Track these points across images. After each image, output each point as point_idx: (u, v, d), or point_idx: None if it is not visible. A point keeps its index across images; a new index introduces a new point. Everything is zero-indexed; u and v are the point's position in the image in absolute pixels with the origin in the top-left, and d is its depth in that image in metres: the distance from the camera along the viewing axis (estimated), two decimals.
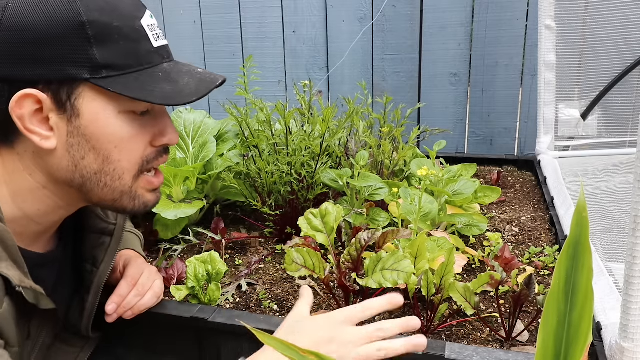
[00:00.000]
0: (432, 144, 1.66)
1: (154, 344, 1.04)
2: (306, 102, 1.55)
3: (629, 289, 0.72)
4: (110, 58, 0.70)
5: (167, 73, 0.75)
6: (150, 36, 0.75)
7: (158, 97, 0.72)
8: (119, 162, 0.75)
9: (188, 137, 1.58)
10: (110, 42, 0.70)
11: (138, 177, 0.79)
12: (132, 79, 0.72)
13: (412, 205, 1.22)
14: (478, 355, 0.81)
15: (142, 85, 0.72)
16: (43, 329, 0.84)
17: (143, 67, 0.73)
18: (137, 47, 0.73)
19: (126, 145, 0.75)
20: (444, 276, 0.93)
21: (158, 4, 2.48)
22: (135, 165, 0.77)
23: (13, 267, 0.70)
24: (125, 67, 0.72)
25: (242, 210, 1.55)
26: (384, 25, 2.19)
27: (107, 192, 0.77)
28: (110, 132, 0.73)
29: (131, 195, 0.79)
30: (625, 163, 1.68)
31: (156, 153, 0.80)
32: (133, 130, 0.75)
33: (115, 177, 0.76)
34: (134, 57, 0.72)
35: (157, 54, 0.76)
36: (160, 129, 0.79)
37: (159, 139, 0.79)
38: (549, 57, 1.78)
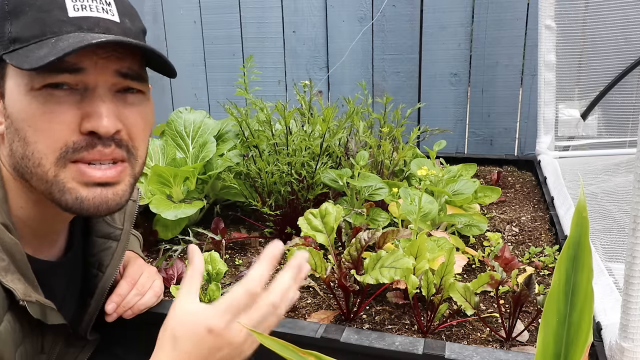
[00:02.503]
0: (432, 144, 1.66)
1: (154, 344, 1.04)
2: (306, 102, 1.55)
3: (629, 289, 0.72)
4: (18, 31, 0.66)
5: (62, 39, 0.65)
6: (68, 6, 0.67)
7: (28, 62, 0.63)
8: (35, 145, 0.67)
9: (188, 137, 1.58)
10: (22, 14, 0.66)
11: (64, 165, 0.68)
12: (28, 50, 0.65)
13: (412, 205, 1.22)
14: (478, 355, 0.81)
15: (27, 53, 0.65)
16: (58, 342, 0.83)
17: (46, 37, 0.66)
18: (46, 17, 0.66)
19: (40, 125, 0.66)
20: (444, 276, 0.93)
21: (158, 4, 2.48)
22: (55, 150, 0.67)
23: (20, 280, 0.69)
24: (29, 39, 0.66)
25: (242, 210, 1.55)
26: (384, 25, 2.19)
27: (37, 182, 0.69)
28: (21, 109, 0.67)
29: (59, 186, 0.69)
30: (625, 163, 1.68)
31: (86, 142, 0.68)
32: (47, 108, 0.66)
33: (35, 163, 0.68)
34: (39, 27, 0.66)
35: (70, 23, 0.66)
36: (87, 111, 0.68)
37: (84, 123, 0.68)
38: (549, 57, 1.78)
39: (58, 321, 0.77)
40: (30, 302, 0.70)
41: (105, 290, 0.91)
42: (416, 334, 0.95)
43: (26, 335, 0.73)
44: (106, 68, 0.69)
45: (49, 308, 0.75)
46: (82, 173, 0.69)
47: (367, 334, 0.87)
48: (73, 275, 0.89)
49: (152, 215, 1.35)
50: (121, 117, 0.71)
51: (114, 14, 0.70)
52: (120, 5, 0.72)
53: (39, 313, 0.73)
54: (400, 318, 1.01)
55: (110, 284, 0.92)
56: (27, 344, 0.74)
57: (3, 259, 0.68)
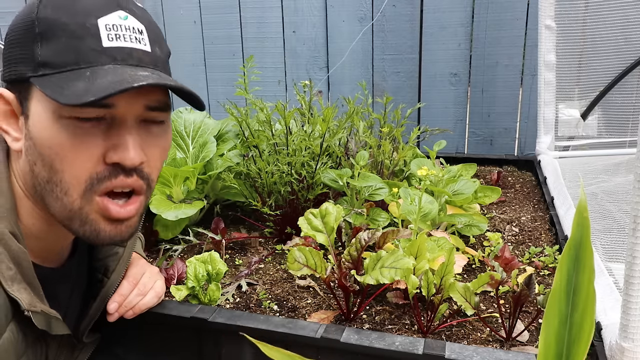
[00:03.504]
0: (432, 144, 1.66)
1: (154, 344, 1.04)
2: (306, 102, 1.55)
3: (629, 289, 0.72)
4: (49, 55, 0.65)
5: (96, 73, 0.65)
6: (102, 35, 0.66)
7: (65, 95, 0.63)
8: (62, 174, 0.67)
9: (188, 137, 1.58)
10: (53, 38, 0.65)
11: (91, 198, 0.69)
12: (61, 78, 0.65)
13: (412, 205, 1.22)
14: (478, 355, 0.81)
15: (61, 83, 0.64)
16: (62, 351, 0.83)
17: (79, 67, 0.65)
18: (80, 45, 0.65)
19: (67, 155, 0.66)
20: (444, 276, 0.93)
21: (158, 4, 2.48)
22: (82, 182, 0.68)
23: (26, 289, 0.69)
24: (61, 66, 0.65)
25: (242, 210, 1.55)
26: (384, 25, 2.19)
27: (60, 208, 0.70)
28: (49, 136, 0.66)
29: (81, 218, 0.70)
30: (625, 163, 1.68)
31: (109, 171, 0.69)
32: (75, 138, 0.66)
33: (63, 191, 0.68)
34: (72, 55, 0.65)
35: (105, 54, 0.66)
36: (113, 143, 0.68)
37: (110, 154, 0.68)
38: (549, 57, 1.79)
39: (63, 331, 0.77)
40: (35, 313, 0.70)
41: (109, 294, 0.91)
42: (416, 334, 0.95)
43: (29, 345, 0.73)
44: (136, 103, 0.69)
45: (54, 318, 0.74)
46: (105, 209, 0.70)
47: (367, 334, 0.87)
48: (78, 281, 0.89)
49: (153, 216, 1.35)
50: (144, 148, 0.71)
51: (145, 44, 0.70)
52: (151, 33, 0.72)
53: (43, 323, 0.72)
54: (400, 318, 1.01)
55: (115, 289, 0.92)
56: (30, 354, 0.73)
57: (10, 268, 0.68)
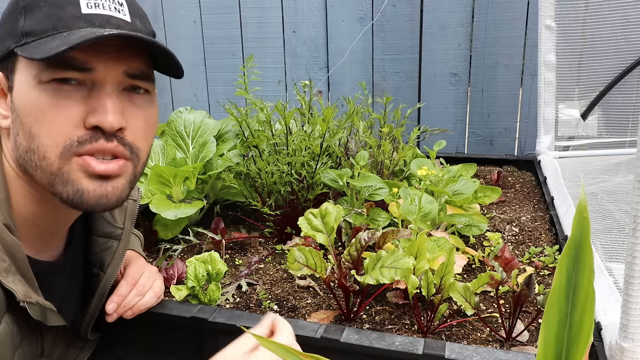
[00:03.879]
0: (432, 144, 1.66)
1: (154, 344, 1.04)
2: (306, 102, 1.55)
3: (629, 289, 0.72)
4: (31, 25, 0.67)
5: (73, 33, 0.66)
6: (82, 3, 0.68)
7: (39, 52, 0.64)
8: (40, 138, 0.68)
9: (188, 137, 1.58)
10: (36, 9, 0.68)
11: (70, 158, 0.69)
12: (40, 43, 0.66)
13: (412, 205, 1.22)
14: (478, 355, 0.81)
15: (39, 45, 0.65)
16: (58, 344, 0.83)
17: (58, 31, 0.67)
18: (60, 12, 0.67)
19: (46, 118, 0.67)
20: (444, 276, 0.93)
21: (158, 4, 2.48)
22: (59, 143, 0.68)
23: (20, 281, 0.70)
24: (41, 32, 0.67)
25: (242, 210, 1.55)
26: (384, 25, 2.19)
27: (41, 175, 0.70)
28: (28, 102, 0.68)
29: (62, 178, 0.70)
30: (625, 163, 1.68)
31: (90, 135, 0.69)
32: (54, 101, 0.67)
33: (40, 156, 0.69)
34: (52, 22, 0.67)
35: (82, 19, 0.68)
36: (93, 107, 0.69)
37: (89, 118, 0.68)
38: (549, 57, 1.78)
39: (58, 323, 0.77)
40: (30, 304, 0.70)
41: (107, 289, 0.91)
42: (416, 334, 0.95)
43: (24, 337, 0.73)
44: (115, 69, 0.70)
45: (49, 309, 0.75)
46: (86, 164, 0.69)
47: (367, 334, 0.87)
48: (73, 275, 0.89)
49: (152, 215, 1.35)
50: (126, 116, 0.72)
51: (125, 14, 0.72)
52: (131, 7, 0.74)
53: (39, 314, 0.72)
54: (400, 318, 1.01)
55: (112, 283, 0.92)
56: (26, 346, 0.74)
57: (4, 260, 0.68)
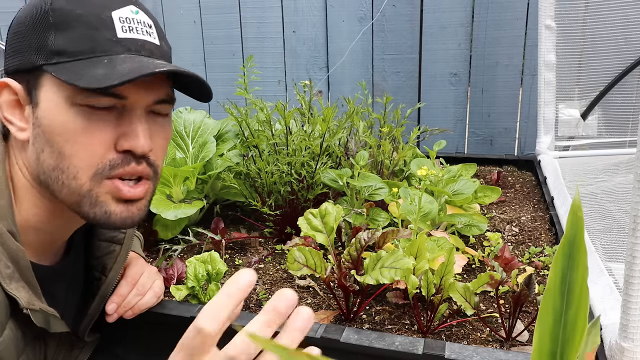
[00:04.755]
0: (432, 144, 1.66)
1: (154, 344, 1.04)
2: (306, 102, 1.55)
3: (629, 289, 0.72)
4: (64, 44, 0.67)
5: (114, 61, 0.67)
6: (117, 26, 0.69)
7: (84, 80, 0.65)
8: (71, 159, 0.69)
9: (188, 137, 1.58)
10: (68, 29, 0.67)
11: (100, 181, 0.70)
12: (76, 65, 0.66)
13: (412, 205, 1.22)
14: (478, 355, 0.81)
15: (78, 70, 0.66)
16: (61, 349, 0.83)
17: (94, 55, 0.67)
18: (95, 35, 0.67)
19: (79, 140, 0.68)
20: (444, 276, 0.93)
21: (158, 4, 2.48)
22: (92, 165, 0.70)
23: (24, 288, 0.70)
24: (76, 54, 0.67)
25: (242, 210, 1.55)
26: (384, 25, 2.19)
27: (67, 194, 0.71)
28: (61, 123, 0.68)
29: (91, 200, 0.71)
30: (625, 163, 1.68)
31: (122, 159, 0.71)
32: (88, 124, 0.68)
33: (70, 176, 0.70)
34: (88, 44, 0.67)
35: (119, 44, 0.68)
36: (124, 131, 0.70)
37: (121, 142, 0.70)
38: (549, 57, 1.78)
39: (62, 329, 0.77)
40: (33, 311, 0.70)
41: (108, 293, 0.91)
42: (416, 334, 0.95)
43: (28, 343, 0.73)
44: (146, 97, 0.72)
45: (52, 316, 0.74)
46: (117, 189, 0.71)
47: (367, 334, 0.87)
48: (74, 279, 0.89)
49: (152, 215, 1.35)
50: (151, 138, 0.74)
51: (155, 37, 0.73)
52: (158, 29, 0.75)
53: (42, 321, 0.72)
54: (400, 318, 1.01)
55: (113, 287, 0.92)
56: (29, 352, 0.74)
57: (8, 266, 0.68)
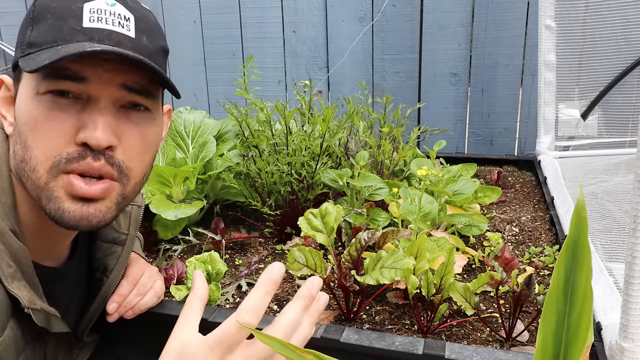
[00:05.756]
0: (432, 144, 1.66)
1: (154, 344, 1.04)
2: (306, 102, 1.55)
3: (629, 289, 0.72)
4: (35, 36, 0.67)
5: (68, 47, 0.65)
6: (84, 16, 0.67)
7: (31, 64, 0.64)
8: (33, 150, 0.67)
9: (188, 137, 1.58)
10: (42, 21, 0.68)
11: (57, 175, 0.67)
12: (38, 54, 0.66)
13: (412, 205, 1.22)
14: (478, 355, 0.81)
15: (34, 57, 0.65)
16: (60, 349, 0.83)
17: (57, 44, 0.66)
18: (62, 25, 0.67)
19: (40, 130, 0.66)
20: (444, 276, 0.93)
21: (158, 4, 2.48)
22: (49, 157, 0.67)
23: (26, 287, 0.69)
24: (42, 44, 0.67)
25: (242, 210, 1.55)
26: (384, 25, 2.19)
27: (30, 187, 0.69)
28: (25, 113, 0.67)
29: (47, 194, 0.68)
30: (625, 163, 1.68)
31: (78, 153, 0.67)
32: (49, 114, 0.66)
33: (31, 167, 0.68)
34: (53, 34, 0.67)
35: (82, 33, 0.66)
36: (84, 122, 0.67)
37: (79, 134, 0.67)
38: (549, 57, 1.78)
39: (62, 329, 0.77)
40: (35, 310, 0.70)
41: (108, 294, 0.91)
42: (416, 334, 0.95)
43: (28, 342, 0.73)
44: (111, 80, 0.68)
45: (53, 316, 0.74)
46: (70, 184, 0.68)
47: (367, 334, 0.87)
48: (77, 280, 0.89)
49: (152, 215, 1.35)
50: (119, 134, 0.70)
51: (130, 30, 0.69)
52: (140, 22, 0.71)
53: (43, 321, 0.72)
54: (400, 318, 1.01)
55: (114, 288, 0.92)
56: (29, 351, 0.74)
57: (10, 266, 0.68)
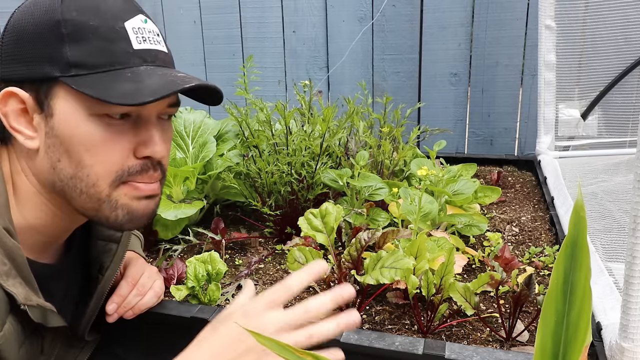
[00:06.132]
0: (432, 144, 1.66)
1: (154, 344, 1.04)
2: (306, 102, 1.55)
3: (629, 289, 0.72)
4: (81, 57, 0.68)
5: (138, 74, 0.69)
6: (132, 38, 0.70)
7: (114, 95, 0.66)
8: (91, 167, 0.70)
9: (188, 137, 1.58)
10: (84, 40, 0.68)
11: (117, 186, 0.72)
12: (98, 79, 0.68)
13: (412, 205, 1.22)
14: (478, 355, 0.81)
15: (104, 84, 0.67)
16: (57, 343, 0.84)
17: (114, 68, 0.69)
18: (112, 47, 0.69)
19: (99, 150, 0.70)
20: (444, 276, 0.93)
21: (158, 4, 2.48)
22: (112, 173, 0.71)
23: (21, 284, 0.70)
24: (96, 67, 0.68)
25: (242, 210, 1.55)
26: (384, 25, 2.19)
27: (85, 200, 0.72)
28: (80, 134, 0.69)
29: (111, 204, 0.73)
30: (625, 163, 1.68)
31: (141, 166, 0.73)
32: (106, 134, 0.70)
33: (90, 184, 0.71)
34: (106, 57, 0.68)
35: (136, 56, 0.70)
36: (143, 139, 0.72)
37: (141, 149, 0.72)
38: (549, 57, 1.78)
39: (58, 323, 0.78)
40: (31, 306, 0.70)
41: (105, 291, 0.91)
42: (416, 334, 0.95)
43: (27, 336, 0.74)
44: (162, 102, 0.73)
45: (49, 311, 0.75)
46: (136, 189, 0.74)
47: (367, 334, 0.87)
48: (72, 277, 0.89)
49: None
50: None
51: (163, 45, 0.75)
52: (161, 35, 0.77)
53: (39, 316, 0.73)
54: (400, 318, 1.01)
55: (110, 285, 0.92)
56: (27, 345, 0.75)
57: (5, 263, 0.68)
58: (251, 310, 0.69)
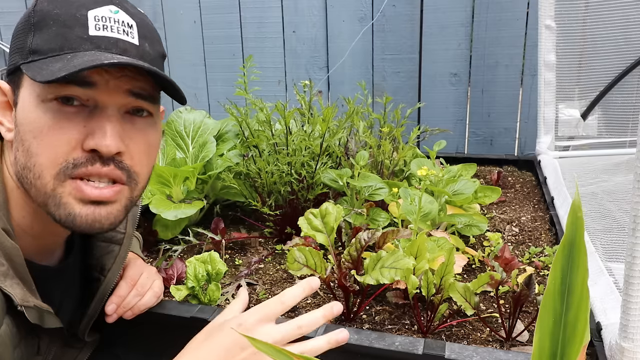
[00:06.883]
0: (432, 144, 1.66)
1: (153, 344, 1.04)
2: (306, 102, 1.55)
3: (629, 289, 0.72)
4: (39, 43, 0.67)
5: (77, 56, 0.66)
6: (90, 24, 0.68)
7: (44, 75, 0.64)
8: (37, 157, 0.67)
9: (188, 137, 1.58)
10: (45, 27, 0.67)
11: (64, 181, 0.68)
12: (45, 63, 0.66)
13: (412, 205, 1.22)
14: (478, 355, 0.81)
15: (44, 66, 0.65)
16: (54, 344, 0.83)
17: (63, 52, 0.66)
18: (68, 33, 0.67)
19: (45, 138, 0.67)
20: (444, 276, 0.93)
21: (158, 4, 2.48)
22: (56, 164, 0.67)
23: (18, 284, 0.70)
24: (48, 52, 0.67)
25: (242, 210, 1.55)
26: (384, 25, 2.19)
27: (35, 193, 0.70)
28: (30, 120, 0.67)
29: (55, 200, 0.69)
30: (625, 163, 1.68)
31: (86, 158, 0.68)
32: (55, 122, 0.67)
33: (36, 175, 0.68)
34: (59, 42, 0.67)
35: (89, 41, 0.67)
36: (92, 130, 0.68)
37: (87, 140, 0.68)
38: (549, 57, 1.78)
39: (55, 325, 0.77)
40: (28, 308, 0.70)
41: (107, 293, 0.91)
42: (416, 334, 0.95)
43: (23, 337, 0.74)
44: (118, 87, 0.70)
45: (46, 312, 0.75)
46: (79, 189, 0.69)
47: (367, 334, 0.87)
48: (72, 279, 0.89)
49: (152, 215, 1.35)
50: (126, 140, 0.71)
51: (134, 37, 0.71)
52: (142, 29, 0.73)
53: (36, 318, 0.73)
54: (400, 318, 1.01)
55: (112, 287, 0.92)
56: (23, 346, 0.74)
57: (2, 264, 0.68)
58: (244, 323, 0.72)
